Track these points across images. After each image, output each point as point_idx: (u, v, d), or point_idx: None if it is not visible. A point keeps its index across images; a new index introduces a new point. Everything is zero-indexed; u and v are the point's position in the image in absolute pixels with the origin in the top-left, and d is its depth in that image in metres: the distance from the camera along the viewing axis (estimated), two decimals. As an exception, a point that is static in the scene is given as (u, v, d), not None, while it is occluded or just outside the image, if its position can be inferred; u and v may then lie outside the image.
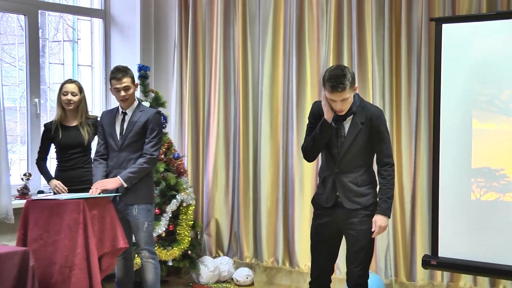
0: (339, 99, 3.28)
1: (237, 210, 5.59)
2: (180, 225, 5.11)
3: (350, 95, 3.31)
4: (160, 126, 4.12)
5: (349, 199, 3.46)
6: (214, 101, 5.63)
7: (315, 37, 5.21)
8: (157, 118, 4.09)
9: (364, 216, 3.45)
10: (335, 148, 3.45)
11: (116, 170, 4.04)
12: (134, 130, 4.02)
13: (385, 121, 3.48)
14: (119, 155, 4.05)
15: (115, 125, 4.09)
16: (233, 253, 5.65)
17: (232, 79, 5.61)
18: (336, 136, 3.44)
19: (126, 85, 3.97)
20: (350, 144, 3.41)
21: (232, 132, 5.62)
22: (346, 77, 3.24)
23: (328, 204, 3.50)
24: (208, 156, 5.66)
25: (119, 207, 4.06)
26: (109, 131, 4.10)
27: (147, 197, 4.10)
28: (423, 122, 4.76)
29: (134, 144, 4.04)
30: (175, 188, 5.09)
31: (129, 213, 4.07)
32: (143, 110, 4.10)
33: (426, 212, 4.74)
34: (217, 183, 5.63)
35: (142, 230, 4.09)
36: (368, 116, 3.40)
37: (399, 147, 4.89)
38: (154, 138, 4.03)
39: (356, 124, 3.39)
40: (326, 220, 3.53)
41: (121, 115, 4.09)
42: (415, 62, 4.81)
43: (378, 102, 4.89)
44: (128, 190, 4.02)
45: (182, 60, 5.76)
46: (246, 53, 5.52)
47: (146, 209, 4.09)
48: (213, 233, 5.67)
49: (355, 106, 3.40)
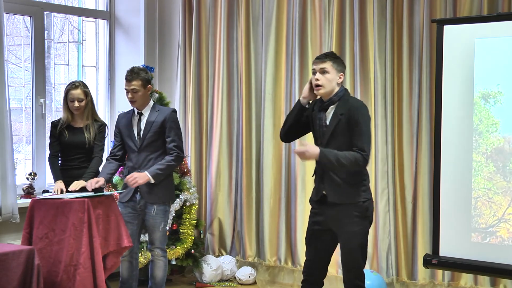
0: (318, 68, 3.35)
1: (240, 210, 5.61)
2: (184, 224, 5.12)
3: (331, 72, 3.36)
4: (177, 124, 4.18)
5: (335, 192, 3.39)
6: (217, 102, 5.64)
7: (318, 38, 5.22)
8: (173, 116, 4.15)
9: (355, 217, 3.37)
10: (319, 138, 3.45)
11: (136, 170, 4.06)
12: (152, 130, 4.06)
13: (365, 115, 3.35)
14: (138, 155, 4.09)
15: (133, 126, 4.13)
16: (236, 252, 5.66)
17: (235, 79, 5.62)
18: (318, 126, 3.44)
19: (134, 88, 4.01)
20: (330, 134, 3.36)
21: (235, 132, 5.63)
22: (333, 54, 3.46)
23: (317, 197, 3.47)
24: (211, 156, 5.68)
25: (138, 206, 4.08)
26: (127, 133, 4.14)
27: (166, 197, 4.13)
28: (425, 122, 4.77)
29: (153, 144, 4.08)
30: (179, 188, 5.10)
31: (148, 212, 4.10)
32: (159, 110, 4.14)
33: (428, 212, 4.74)
34: (220, 183, 5.64)
35: (158, 230, 4.13)
36: (347, 108, 3.35)
37: (400, 147, 4.90)
38: (175, 135, 4.09)
39: (336, 115, 3.37)
40: (319, 219, 3.49)
41: (137, 116, 4.12)
42: (416, 63, 4.82)
43: (380, 102, 4.91)
44: (150, 189, 4.03)
45: (186, 61, 5.78)
46: (249, 54, 5.53)
47: (164, 209, 4.14)
48: (216, 232, 5.68)
49: (337, 95, 3.39)
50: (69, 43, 5.64)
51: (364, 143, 3.31)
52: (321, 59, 3.39)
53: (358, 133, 3.31)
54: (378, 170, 4.94)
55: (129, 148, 4.15)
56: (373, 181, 4.93)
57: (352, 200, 3.38)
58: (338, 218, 3.41)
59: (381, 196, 4.93)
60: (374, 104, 4.95)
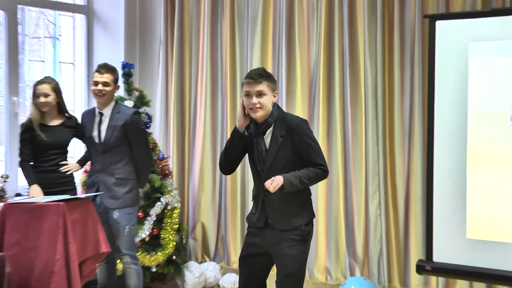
0: (254, 90, 3.14)
1: (224, 214, 5.55)
2: (165, 229, 5.05)
3: (267, 93, 3.16)
4: (139, 131, 4.08)
5: (279, 219, 3.26)
6: (200, 100, 5.58)
7: (306, 35, 5.18)
8: (135, 121, 4.04)
9: (294, 241, 3.24)
10: (259, 164, 3.28)
11: (100, 174, 4.00)
12: (114, 136, 4.00)
13: (307, 130, 3.23)
14: (101, 159, 4.02)
15: (93, 127, 4.06)
16: (220, 258, 5.60)
17: (219, 77, 5.57)
18: (257, 151, 3.27)
19: (106, 81, 3.97)
20: (272, 159, 3.21)
21: (219, 132, 5.57)
22: (266, 72, 3.20)
23: (260, 224, 3.32)
24: (194, 157, 5.61)
25: (100, 210, 4.02)
26: (89, 134, 4.08)
27: (128, 200, 4.06)
28: (417, 122, 4.75)
29: (117, 149, 4.02)
30: (160, 191, 5.04)
31: (110, 216, 4.04)
32: (120, 111, 4.05)
33: (420, 216, 4.72)
34: (203, 185, 5.59)
35: (123, 234, 4.05)
36: (288, 128, 3.20)
37: (392, 148, 4.87)
38: (139, 147, 4.05)
39: (276, 138, 3.21)
40: (256, 241, 3.36)
41: (98, 116, 4.05)
42: (408, 60, 4.79)
43: (371, 102, 4.87)
44: (110, 194, 3.99)
45: (168, 58, 5.71)
46: (234, 51, 5.48)
47: (128, 212, 4.05)
48: (199, 238, 5.63)
49: (271, 117, 3.21)
50: (44, 38, 5.54)
51: (318, 158, 3.22)
52: (256, 79, 3.15)
53: (310, 152, 3.21)
54: (368, 171, 4.91)
55: (93, 150, 4.09)
56: (363, 182, 4.92)
57: (296, 224, 3.25)
58: (278, 242, 3.27)
59: (372, 198, 4.90)
60: (364, 103, 4.92)
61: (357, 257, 4.97)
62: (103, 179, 4.03)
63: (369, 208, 4.91)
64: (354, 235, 4.99)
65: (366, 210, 4.93)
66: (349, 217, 5.02)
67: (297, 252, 3.25)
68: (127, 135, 4.03)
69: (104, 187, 4.02)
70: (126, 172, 4.06)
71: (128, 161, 4.06)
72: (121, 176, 4.04)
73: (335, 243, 5.06)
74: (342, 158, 5.01)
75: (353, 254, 5.00)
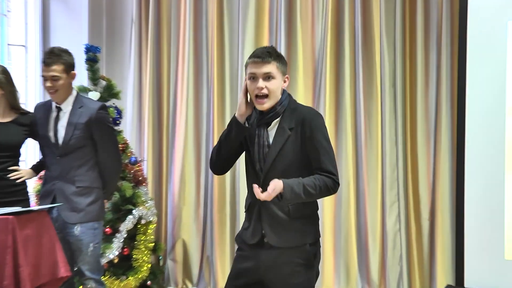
0: (261, 72, 3.06)
1: (210, 229, 5.54)
2: (138, 248, 5.04)
3: (276, 76, 3.08)
4: (107, 128, 4.06)
5: (277, 234, 3.13)
6: (181, 92, 5.57)
7: (309, 11, 5.18)
8: (101, 117, 4.02)
9: (296, 265, 3.11)
10: (258, 162, 3.18)
11: (57, 181, 3.98)
12: (75, 135, 3.97)
13: (322, 126, 3.15)
14: (61, 162, 4.00)
15: (49, 125, 4.03)
16: (205, 284, 5.59)
17: (204, 63, 5.56)
18: (258, 145, 3.19)
19: (54, 74, 3.91)
20: (275, 156, 3.12)
21: (204, 131, 5.57)
22: (276, 51, 3.13)
23: (254, 239, 3.18)
24: (174, 161, 5.61)
25: (57, 225, 3.99)
26: (43, 133, 4.04)
27: (92, 212, 4.05)
28: (444, 117, 4.76)
29: (79, 151, 3.99)
30: (132, 201, 5.02)
31: (70, 232, 4.01)
32: (82, 106, 4.03)
33: (449, 232, 4.73)
34: (185, 194, 5.58)
35: (86, 254, 4.03)
36: (299, 120, 3.13)
37: (414, 150, 4.89)
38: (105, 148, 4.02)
39: (283, 130, 3.13)
40: (247, 266, 3.21)
41: (55, 112, 4.02)
42: (434, 42, 4.80)
43: (388, 93, 4.88)
44: (70, 205, 3.96)
45: (142, 40, 5.69)
46: (222, 32, 5.46)
47: (92, 227, 4.03)
48: (179, 258, 5.61)
49: (281, 105, 3.14)
50: (-11, 15, 5.54)
51: (330, 164, 3.11)
52: (263, 59, 3.08)
53: (320, 153, 3.11)
54: (385, 178, 4.92)
55: (48, 152, 4.06)
56: (379, 192, 4.92)
57: (299, 242, 3.14)
58: (276, 266, 3.13)
59: (390, 211, 4.92)
60: (380, 95, 4.93)
61: (371, 281, 4.98)
62: (61, 188, 4.00)
63: (386, 223, 4.92)
64: (368, 255, 4.99)
65: (382, 225, 4.94)
66: (362, 234, 5.02)
67: (301, 279, 3.12)
68: (92, 135, 4.00)
69: (63, 197, 4.00)
70: (90, 179, 4.04)
71: (92, 165, 4.05)
72: (83, 184, 4.02)
73: (345, 265, 5.06)
74: (353, 162, 5.02)
75: (366, 278, 5.00)
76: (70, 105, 4.01)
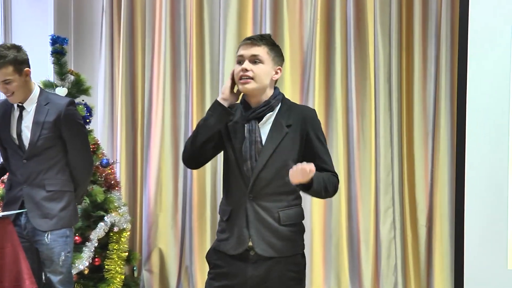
0: (248, 53, 3.05)
1: (189, 237, 5.55)
2: (110, 258, 5.03)
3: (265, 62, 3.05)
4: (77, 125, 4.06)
5: (266, 242, 3.06)
6: (157, 88, 5.58)
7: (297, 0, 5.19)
8: (70, 114, 4.02)
9: (290, 280, 3.08)
10: (250, 160, 3.11)
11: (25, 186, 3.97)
12: (43, 135, 3.96)
13: (320, 126, 3.19)
14: (27, 166, 3.99)
15: (10, 125, 4.02)
16: (184, 296, 5.60)
17: (182, 55, 5.57)
18: (249, 142, 3.11)
19: (5, 78, 3.87)
20: (270, 154, 3.07)
21: (183, 130, 5.58)
22: (271, 38, 3.14)
23: (238, 249, 3.10)
24: (149, 163, 5.61)
25: (25, 232, 3.99)
26: (4, 134, 4.02)
27: (65, 218, 4.05)
28: (443, 116, 4.79)
29: (47, 152, 3.99)
30: (103, 207, 5.01)
31: (40, 240, 4.00)
32: (49, 102, 4.02)
33: (448, 240, 4.77)
34: (161, 199, 5.58)
35: (57, 264, 4.03)
36: (299, 118, 3.12)
37: (410, 151, 4.92)
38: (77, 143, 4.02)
39: (279, 126, 3.10)
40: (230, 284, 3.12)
41: (18, 111, 4.01)
42: (432, 34, 4.84)
43: (382, 89, 4.90)
44: (40, 211, 3.95)
45: (114, 31, 5.69)
46: (201, 20, 5.47)
47: (64, 235, 4.03)
48: (155, 269, 5.62)
49: (276, 99, 3.12)
50: None
51: (332, 164, 3.16)
52: (254, 41, 3.08)
53: (324, 152, 3.15)
54: (379, 182, 4.94)
55: (12, 155, 4.04)
56: (372, 197, 4.95)
57: (290, 252, 3.10)
58: (268, 280, 3.08)
59: (384, 217, 4.94)
60: (374, 91, 4.95)
61: (364, 293, 5.00)
62: (30, 193, 3.99)
63: (380, 230, 4.94)
64: (360, 265, 5.01)
65: (376, 232, 4.96)
66: (354, 242, 5.04)
67: None
68: (60, 134, 3.99)
69: (32, 203, 3.98)
70: (61, 182, 4.03)
71: (63, 167, 4.03)
72: (54, 188, 4.01)
73: (336, 276, 5.08)
74: (344, 164, 5.04)
75: (359, 290, 5.02)
76: (34, 103, 3.98)
